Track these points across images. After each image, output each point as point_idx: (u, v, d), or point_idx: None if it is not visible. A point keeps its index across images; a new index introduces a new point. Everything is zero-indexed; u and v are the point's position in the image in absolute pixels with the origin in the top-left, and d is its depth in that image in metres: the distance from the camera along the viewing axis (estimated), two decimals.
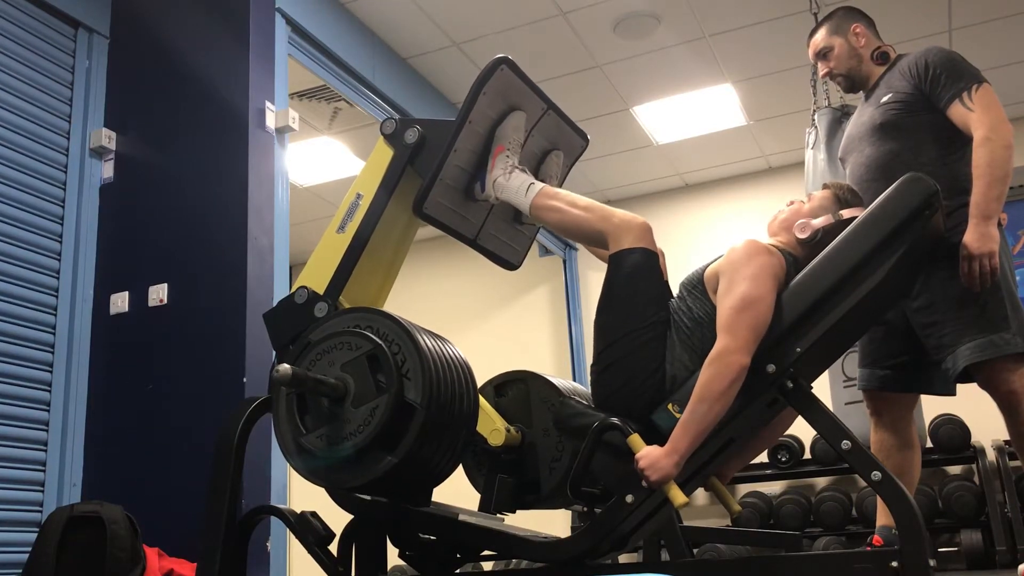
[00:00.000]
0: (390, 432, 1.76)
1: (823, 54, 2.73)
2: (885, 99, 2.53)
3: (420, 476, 1.88)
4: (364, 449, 1.76)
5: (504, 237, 2.42)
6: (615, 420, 1.83)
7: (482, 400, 2.21)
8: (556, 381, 2.31)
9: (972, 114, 2.36)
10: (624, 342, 1.92)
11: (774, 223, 2.15)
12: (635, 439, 1.79)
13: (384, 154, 2.16)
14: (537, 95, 2.23)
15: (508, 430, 2.18)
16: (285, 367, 1.74)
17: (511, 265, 2.49)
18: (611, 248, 2.01)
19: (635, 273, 1.96)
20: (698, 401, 1.77)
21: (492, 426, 2.16)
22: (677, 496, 1.74)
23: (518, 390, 2.32)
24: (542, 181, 2.33)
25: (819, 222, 2.06)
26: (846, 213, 2.06)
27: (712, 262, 2.03)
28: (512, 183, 2.13)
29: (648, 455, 1.76)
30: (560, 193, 2.12)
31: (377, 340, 1.81)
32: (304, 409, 1.86)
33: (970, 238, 2.26)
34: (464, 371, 1.92)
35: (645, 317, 1.93)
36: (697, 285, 2.00)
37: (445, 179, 2.13)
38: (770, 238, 2.12)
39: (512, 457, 2.22)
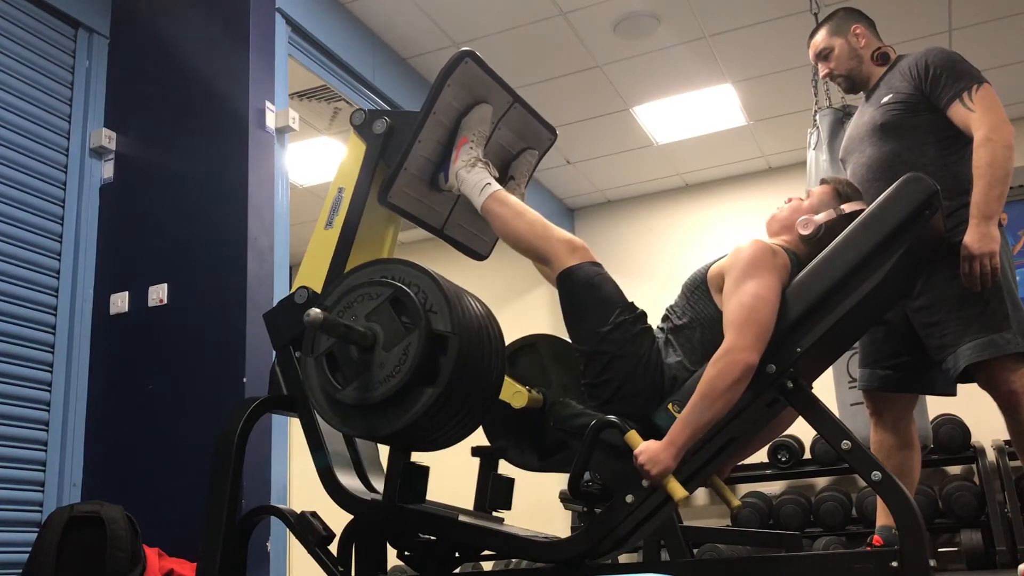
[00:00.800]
0: (428, 366, 1.75)
1: (824, 55, 2.73)
2: (886, 99, 2.53)
3: (461, 412, 1.85)
4: (405, 387, 1.75)
5: (472, 228, 2.42)
6: (612, 418, 1.83)
7: None
8: (562, 339, 2.30)
9: (973, 114, 2.37)
10: (610, 342, 1.91)
11: (773, 222, 2.14)
12: (632, 435, 1.80)
13: (358, 147, 2.19)
14: (503, 88, 2.24)
15: (529, 391, 2.18)
16: (316, 311, 1.72)
17: (479, 256, 2.51)
18: (555, 269, 2.00)
19: (591, 280, 1.96)
20: (701, 397, 1.77)
21: (514, 389, 2.16)
22: (677, 490, 1.74)
23: (530, 355, 2.33)
24: (512, 178, 2.35)
25: (821, 217, 2.05)
26: (847, 207, 2.06)
27: (714, 262, 2.01)
28: (471, 178, 2.12)
29: (647, 449, 1.77)
30: (510, 201, 2.10)
31: (397, 283, 1.81)
32: (334, 367, 1.84)
33: (971, 238, 2.26)
34: (483, 305, 1.93)
35: (621, 314, 1.92)
36: (700, 286, 1.99)
37: (410, 169, 2.15)
38: (771, 238, 2.11)
39: (536, 419, 2.23)
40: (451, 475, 2.85)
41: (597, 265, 2.00)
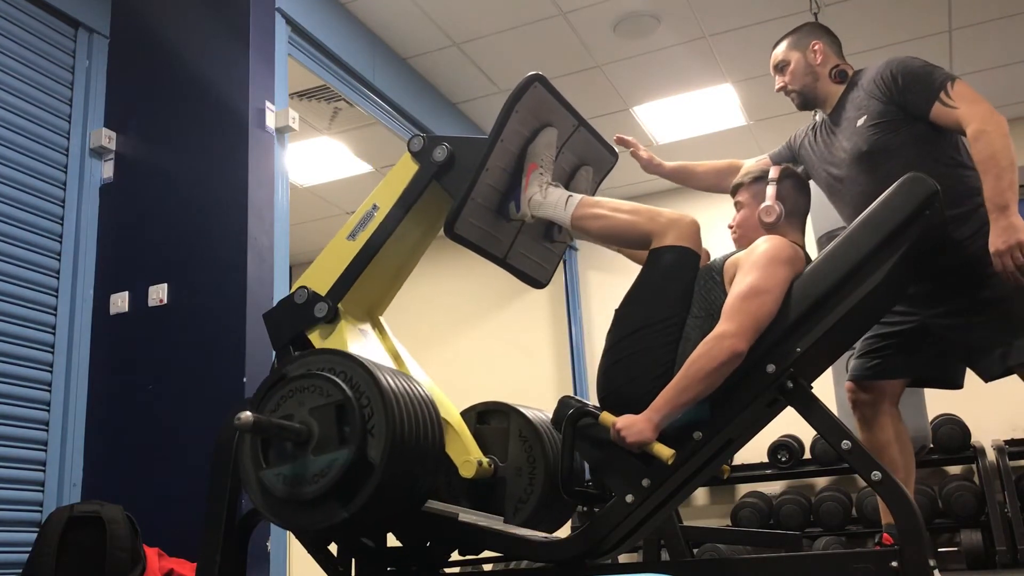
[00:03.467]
0: (347, 486, 1.74)
1: (780, 68, 2.68)
2: (861, 123, 2.44)
3: (374, 526, 1.88)
4: (319, 499, 1.75)
5: (534, 256, 2.39)
6: (588, 406, 1.85)
7: (462, 426, 2.19)
8: (534, 416, 2.28)
9: (957, 111, 2.29)
10: (639, 337, 1.92)
11: (742, 240, 2.17)
12: (605, 415, 1.82)
13: (408, 169, 2.14)
14: (568, 111, 2.21)
15: (480, 463, 2.15)
16: (247, 415, 1.71)
17: (539, 284, 2.46)
18: (653, 244, 2.00)
19: (669, 271, 1.96)
20: (683, 376, 1.79)
21: (465, 457, 2.12)
22: (663, 451, 1.76)
23: (499, 421, 2.30)
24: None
25: (771, 201, 2.11)
26: (774, 174, 2.16)
27: (732, 254, 2.03)
28: (549, 199, 2.12)
29: (625, 418, 1.79)
30: (602, 201, 2.11)
31: (348, 392, 1.78)
32: (268, 444, 1.83)
33: (994, 235, 2.18)
34: (431, 420, 1.88)
35: (667, 316, 1.92)
36: (717, 273, 1.99)
37: (476, 198, 2.10)
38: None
39: (483, 489, 2.21)
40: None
41: (689, 254, 1.98)
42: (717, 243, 2.28)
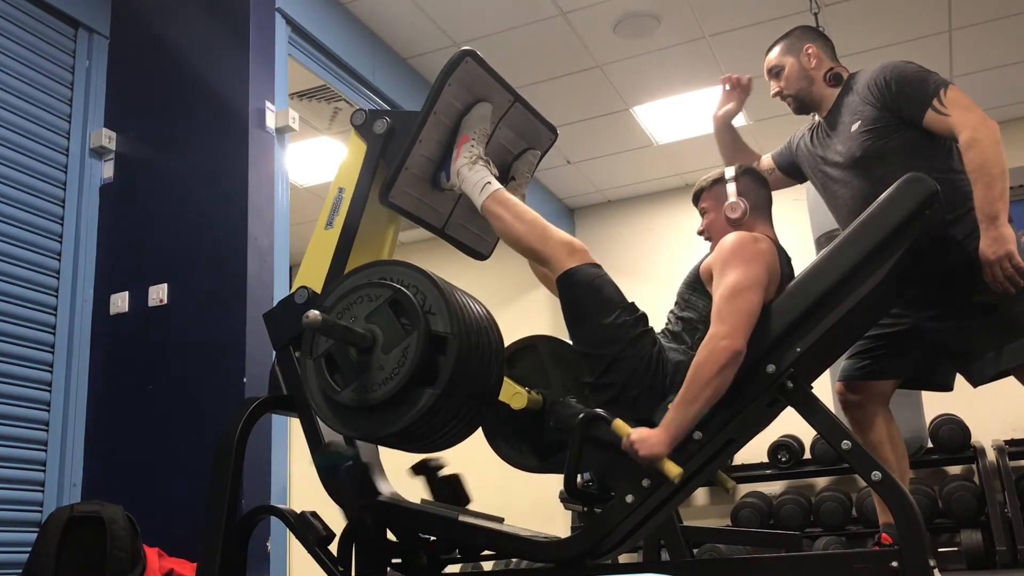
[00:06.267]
0: (427, 367, 1.75)
1: (775, 73, 2.68)
2: (855, 128, 2.45)
3: (461, 413, 1.84)
4: (404, 388, 1.74)
5: (473, 227, 2.42)
6: (599, 411, 1.84)
7: None
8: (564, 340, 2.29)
9: (949, 118, 2.29)
10: (610, 344, 1.91)
11: (715, 238, 2.18)
12: (619, 423, 1.80)
13: (359, 147, 2.18)
14: (503, 87, 2.24)
15: (529, 392, 2.17)
16: (315, 313, 1.72)
17: (480, 255, 2.50)
18: (555, 271, 2.00)
19: (591, 282, 1.96)
20: (689, 385, 1.78)
21: (513, 390, 2.14)
22: (672, 468, 1.74)
23: (529, 356, 2.31)
24: (512, 178, 2.35)
25: (733, 198, 2.14)
26: (731, 172, 2.19)
27: (704, 258, 2.05)
28: (473, 176, 2.12)
29: (640, 431, 1.78)
30: (510, 201, 2.09)
31: (396, 285, 1.81)
32: (333, 368, 1.83)
33: (983, 245, 2.20)
34: (482, 306, 1.92)
35: (621, 315, 1.92)
36: (695, 283, 2.02)
37: (411, 169, 2.15)
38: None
39: (536, 420, 2.21)
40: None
41: (597, 267, 2.00)
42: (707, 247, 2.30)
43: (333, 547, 2.11)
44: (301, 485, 3.60)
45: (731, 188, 2.17)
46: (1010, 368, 2.29)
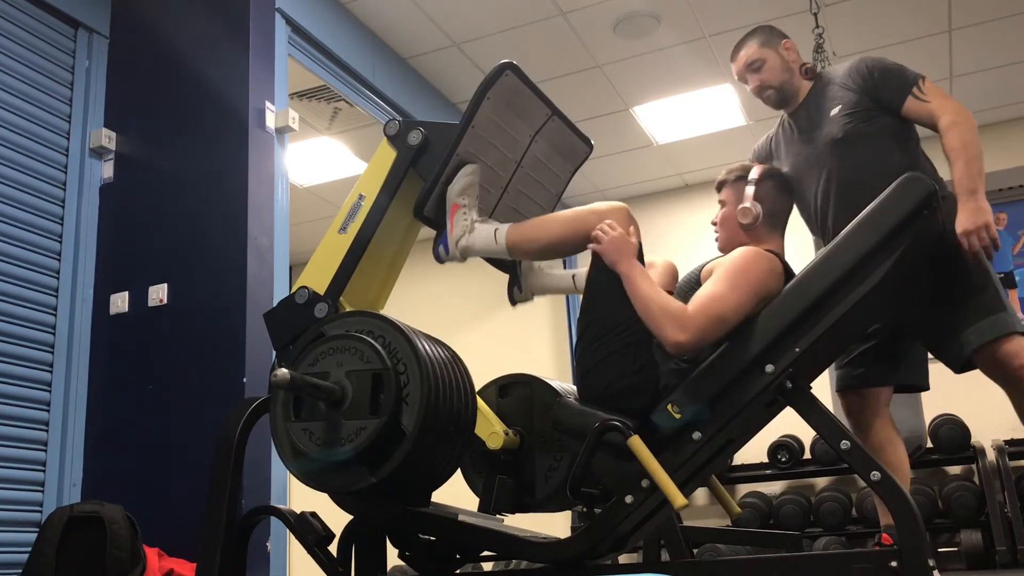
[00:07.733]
0: (376, 451, 1.74)
1: (755, 67, 2.72)
2: (835, 112, 2.55)
3: (402, 490, 1.87)
4: (347, 462, 1.75)
5: None
6: (616, 421, 1.83)
7: (482, 403, 2.19)
8: (558, 385, 2.30)
9: (930, 104, 2.43)
10: (609, 340, 1.92)
11: (724, 242, 2.20)
12: (635, 441, 1.78)
13: (387, 155, 2.15)
14: (542, 100, 2.23)
15: (507, 433, 2.16)
16: (283, 371, 1.72)
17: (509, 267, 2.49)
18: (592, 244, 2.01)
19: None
20: (635, 294, 1.89)
21: (491, 429, 2.14)
22: (677, 498, 1.73)
23: (521, 393, 2.30)
24: (549, 191, 2.34)
25: (750, 201, 2.14)
26: (756, 174, 2.19)
27: (708, 261, 2.06)
28: (478, 238, 2.10)
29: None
30: (528, 222, 2.11)
31: (387, 362, 1.78)
32: (301, 401, 1.84)
33: (962, 216, 2.27)
34: (464, 387, 1.90)
35: (621, 321, 1.92)
36: (696, 285, 2.01)
37: (446, 183, 2.13)
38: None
39: (510, 460, 2.21)
40: (454, 478, 2.84)
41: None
42: (715, 245, 2.30)
43: (333, 547, 2.11)
44: (301, 485, 3.59)
45: (750, 190, 2.17)
46: (976, 350, 2.32)
